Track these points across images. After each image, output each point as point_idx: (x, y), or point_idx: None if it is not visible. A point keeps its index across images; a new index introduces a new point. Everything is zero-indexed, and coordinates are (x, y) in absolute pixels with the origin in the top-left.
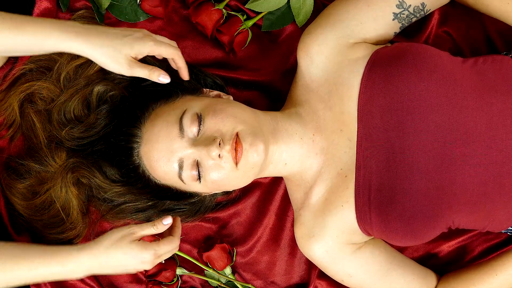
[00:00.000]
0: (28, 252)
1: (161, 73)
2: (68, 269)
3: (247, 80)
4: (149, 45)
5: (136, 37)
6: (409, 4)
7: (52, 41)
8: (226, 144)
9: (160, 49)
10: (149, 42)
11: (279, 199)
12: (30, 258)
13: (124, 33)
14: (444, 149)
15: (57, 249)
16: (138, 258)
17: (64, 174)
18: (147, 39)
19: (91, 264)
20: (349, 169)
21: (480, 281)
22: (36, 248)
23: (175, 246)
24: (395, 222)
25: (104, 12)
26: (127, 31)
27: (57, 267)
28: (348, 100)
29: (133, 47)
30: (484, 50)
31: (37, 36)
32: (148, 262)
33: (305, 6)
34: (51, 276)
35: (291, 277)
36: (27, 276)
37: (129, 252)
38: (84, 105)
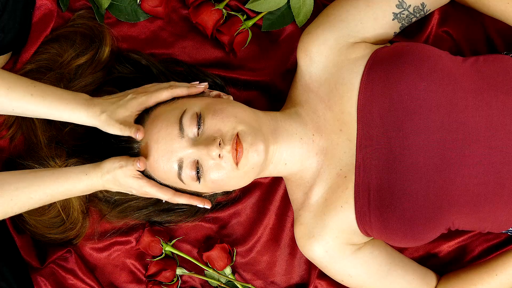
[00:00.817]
0: (39, 174)
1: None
2: (78, 189)
3: (247, 80)
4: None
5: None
6: (409, 4)
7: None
8: (226, 144)
9: (150, 101)
10: (140, 97)
11: (279, 199)
12: (42, 178)
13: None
14: (444, 149)
15: (67, 171)
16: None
17: None
18: (140, 96)
19: (97, 184)
20: (348, 170)
21: (480, 281)
22: (46, 171)
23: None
24: (394, 223)
25: (104, 12)
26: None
27: (68, 186)
28: (348, 100)
29: (128, 107)
30: (484, 50)
31: (58, 108)
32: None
33: (305, 6)
34: (62, 194)
35: (291, 277)
36: (40, 194)
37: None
38: None
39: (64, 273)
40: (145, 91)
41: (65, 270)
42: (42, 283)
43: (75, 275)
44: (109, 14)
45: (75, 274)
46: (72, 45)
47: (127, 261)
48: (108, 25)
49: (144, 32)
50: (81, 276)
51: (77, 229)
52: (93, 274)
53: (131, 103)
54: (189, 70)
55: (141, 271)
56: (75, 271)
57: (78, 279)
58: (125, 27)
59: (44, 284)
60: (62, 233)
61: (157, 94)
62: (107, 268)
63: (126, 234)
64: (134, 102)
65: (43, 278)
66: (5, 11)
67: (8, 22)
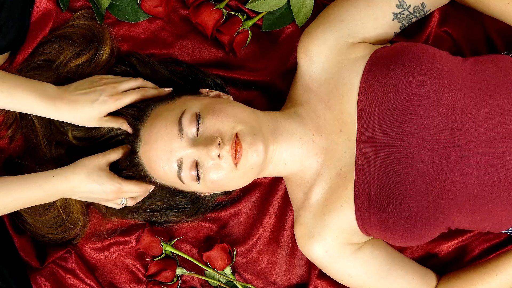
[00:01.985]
0: (7, 181)
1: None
2: (46, 193)
3: (247, 80)
4: (111, 106)
5: (100, 101)
6: (409, 4)
7: (27, 106)
8: (225, 144)
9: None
10: (111, 105)
11: (279, 199)
12: (10, 184)
13: (91, 98)
14: (444, 149)
15: (34, 176)
16: (102, 187)
17: None
18: (110, 101)
19: (64, 189)
20: (348, 169)
21: (480, 281)
22: (14, 177)
23: (142, 191)
24: (394, 222)
25: (104, 12)
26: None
27: (37, 191)
28: (348, 100)
29: (100, 112)
30: (484, 50)
31: (15, 99)
32: (110, 193)
33: (305, 6)
34: (29, 200)
35: (291, 277)
36: (6, 201)
37: (96, 180)
38: None
39: (64, 273)
40: (114, 88)
41: (65, 270)
42: (42, 283)
43: (75, 275)
44: (109, 14)
45: (75, 274)
46: (72, 44)
47: (127, 261)
48: (108, 25)
49: (144, 32)
50: (81, 276)
51: (77, 229)
52: (93, 274)
53: (99, 108)
54: (189, 70)
55: (141, 271)
56: (75, 271)
57: (78, 279)
58: (125, 27)
59: (44, 284)
60: (62, 233)
61: (126, 98)
62: (107, 268)
63: (126, 234)
64: (103, 107)
65: (43, 278)
66: (3, 10)
67: (7, 22)
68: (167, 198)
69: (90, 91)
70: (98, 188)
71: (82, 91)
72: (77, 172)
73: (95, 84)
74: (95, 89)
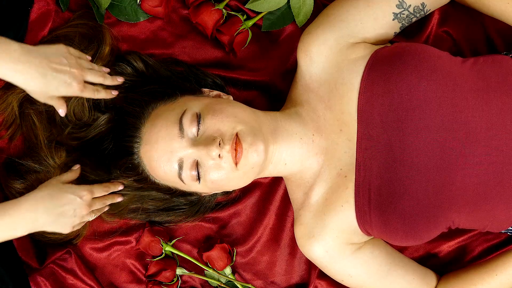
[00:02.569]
0: None
1: (64, 108)
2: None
3: (247, 80)
4: (75, 90)
5: (68, 85)
6: (409, 4)
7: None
8: (226, 144)
9: (87, 95)
10: (75, 87)
11: (279, 199)
12: None
13: (62, 78)
14: (444, 149)
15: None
16: (77, 193)
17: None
18: (76, 89)
19: (32, 216)
20: (349, 169)
21: (480, 281)
22: None
23: (107, 191)
24: (395, 222)
25: (104, 12)
26: (65, 77)
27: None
28: (348, 100)
29: (60, 93)
30: (484, 50)
31: None
32: (86, 197)
33: (305, 6)
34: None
35: (291, 277)
36: None
37: (69, 188)
38: (85, 106)
39: (64, 273)
40: (82, 76)
41: (65, 270)
42: (42, 283)
43: (75, 275)
44: (109, 14)
45: (75, 274)
46: (71, 44)
47: (127, 261)
48: (108, 25)
49: (144, 32)
50: (81, 276)
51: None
52: (93, 274)
53: (63, 90)
54: (189, 70)
55: (141, 271)
56: (75, 271)
57: (78, 279)
58: (125, 27)
59: (44, 284)
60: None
61: (90, 92)
62: (107, 268)
63: (126, 234)
64: (67, 91)
65: (43, 278)
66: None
67: (5, 22)
68: (167, 199)
69: (63, 70)
70: (71, 197)
71: (55, 65)
72: (41, 189)
73: (66, 63)
74: (67, 69)
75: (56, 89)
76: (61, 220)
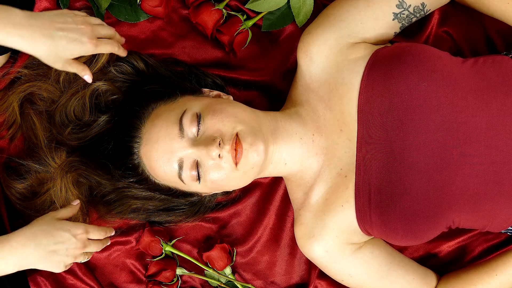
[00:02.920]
0: None
1: (88, 73)
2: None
3: (247, 80)
4: (87, 46)
5: (79, 42)
6: (409, 4)
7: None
8: (226, 144)
9: (102, 50)
10: (87, 44)
11: (279, 199)
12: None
13: (71, 36)
14: (444, 149)
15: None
16: (72, 231)
17: (63, 174)
18: (89, 45)
19: (23, 252)
20: (349, 169)
21: (480, 281)
22: None
23: (104, 235)
24: (395, 221)
25: (104, 12)
26: (73, 34)
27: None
28: (348, 100)
29: (73, 54)
30: (484, 50)
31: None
32: (80, 237)
33: (305, 6)
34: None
35: (291, 277)
36: None
37: (64, 225)
38: (85, 106)
39: (64, 273)
40: (93, 31)
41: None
42: (42, 283)
43: (75, 275)
44: (109, 14)
45: (75, 274)
46: None
47: (127, 261)
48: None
49: (144, 32)
50: (81, 276)
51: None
52: (93, 274)
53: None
54: (189, 70)
55: (141, 271)
56: (75, 271)
57: (78, 279)
58: (125, 27)
59: (44, 284)
60: None
61: (105, 46)
62: (107, 268)
63: (126, 234)
64: (80, 49)
65: (43, 278)
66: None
67: None
68: (168, 199)
69: (70, 28)
70: (65, 234)
71: (60, 25)
72: (34, 224)
73: (72, 21)
74: (74, 26)
75: (66, 49)
76: (53, 258)
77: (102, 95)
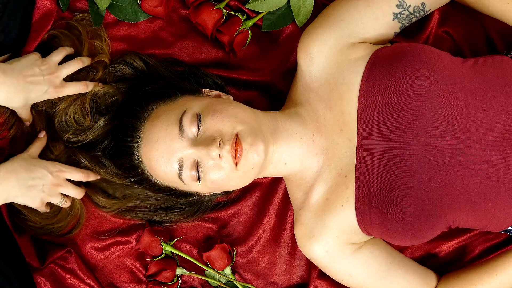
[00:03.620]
0: None
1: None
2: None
3: (247, 80)
4: (52, 95)
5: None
6: (409, 4)
7: None
8: (226, 144)
9: (63, 94)
10: (51, 93)
11: (279, 199)
12: None
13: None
14: (444, 149)
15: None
16: (49, 168)
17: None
18: (53, 93)
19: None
20: (349, 169)
21: (480, 281)
22: None
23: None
24: (395, 221)
25: (103, 13)
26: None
27: None
28: (348, 100)
29: (39, 100)
30: (484, 50)
31: None
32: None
33: (305, 6)
34: None
35: (291, 277)
36: None
37: (41, 162)
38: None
39: (64, 273)
40: (57, 78)
41: (65, 270)
42: (42, 283)
43: (75, 275)
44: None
45: (75, 274)
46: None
47: (127, 261)
48: (108, 25)
49: (144, 32)
50: (81, 276)
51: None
52: (93, 274)
53: (41, 97)
54: (189, 70)
55: (141, 271)
56: (75, 271)
57: (78, 279)
58: (125, 27)
59: (44, 284)
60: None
61: (66, 90)
62: (107, 268)
63: (126, 234)
64: (44, 97)
65: (43, 278)
66: (6, 12)
67: (9, 23)
68: (167, 199)
69: (38, 80)
70: (40, 171)
71: (29, 78)
72: (14, 161)
73: (39, 72)
74: (42, 79)
75: (35, 99)
76: (31, 193)
77: (101, 98)
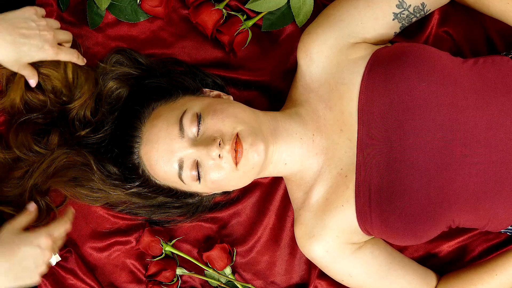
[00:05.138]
0: None
1: (36, 79)
2: None
3: (247, 80)
4: (49, 53)
5: (41, 49)
6: (409, 4)
7: None
8: (226, 144)
9: (61, 58)
10: (48, 51)
11: (279, 199)
12: None
13: (35, 43)
14: (444, 149)
15: None
16: (35, 242)
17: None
18: (50, 52)
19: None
20: (349, 169)
21: (480, 281)
22: None
23: (65, 227)
24: (395, 221)
25: (103, 13)
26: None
27: None
28: (349, 100)
29: (33, 59)
30: (484, 50)
31: None
32: (45, 244)
33: (305, 6)
34: None
35: (291, 277)
36: None
37: (24, 240)
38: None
39: (64, 273)
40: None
41: (65, 270)
42: (42, 283)
43: (75, 275)
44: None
45: (75, 274)
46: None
47: (127, 261)
48: (108, 25)
49: (144, 32)
50: (81, 276)
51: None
52: (93, 274)
53: (37, 55)
54: (189, 70)
55: (141, 271)
56: (75, 271)
57: (78, 279)
58: (125, 27)
59: (44, 284)
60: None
61: (65, 55)
62: (107, 268)
63: (126, 234)
64: (40, 55)
65: (43, 278)
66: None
67: None
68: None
69: (32, 34)
70: (31, 247)
71: (23, 31)
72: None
73: (35, 26)
74: (37, 33)
75: (27, 55)
76: (25, 275)
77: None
